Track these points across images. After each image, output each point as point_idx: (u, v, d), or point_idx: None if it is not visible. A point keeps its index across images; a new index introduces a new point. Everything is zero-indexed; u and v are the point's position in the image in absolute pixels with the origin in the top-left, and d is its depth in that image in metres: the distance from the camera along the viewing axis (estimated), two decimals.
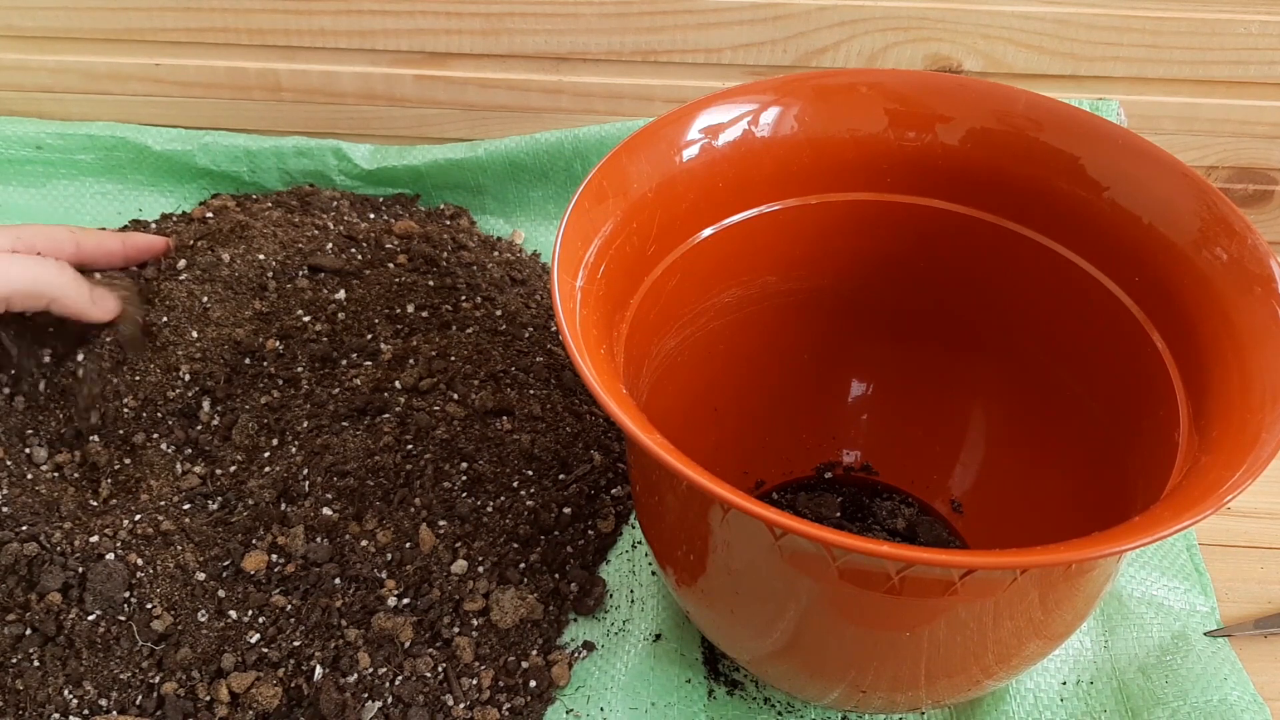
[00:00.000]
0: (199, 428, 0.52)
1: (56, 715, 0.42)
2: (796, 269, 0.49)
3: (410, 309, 0.56)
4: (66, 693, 0.42)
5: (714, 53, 0.63)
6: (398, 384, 0.53)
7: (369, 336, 0.55)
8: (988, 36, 0.61)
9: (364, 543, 0.47)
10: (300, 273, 0.57)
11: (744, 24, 0.62)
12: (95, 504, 0.49)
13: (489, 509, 0.49)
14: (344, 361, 0.54)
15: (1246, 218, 0.38)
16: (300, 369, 0.53)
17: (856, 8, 0.61)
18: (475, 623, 0.46)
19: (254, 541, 0.47)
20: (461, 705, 0.44)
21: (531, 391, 0.54)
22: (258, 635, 0.44)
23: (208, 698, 0.42)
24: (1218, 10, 0.59)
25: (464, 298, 0.58)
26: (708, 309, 0.49)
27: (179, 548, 0.46)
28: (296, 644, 0.44)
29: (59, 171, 0.69)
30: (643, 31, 0.63)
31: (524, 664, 0.46)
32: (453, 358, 0.54)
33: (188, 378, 0.52)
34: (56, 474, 0.51)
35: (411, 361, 0.53)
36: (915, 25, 0.61)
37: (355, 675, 0.43)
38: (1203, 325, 0.38)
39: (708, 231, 0.46)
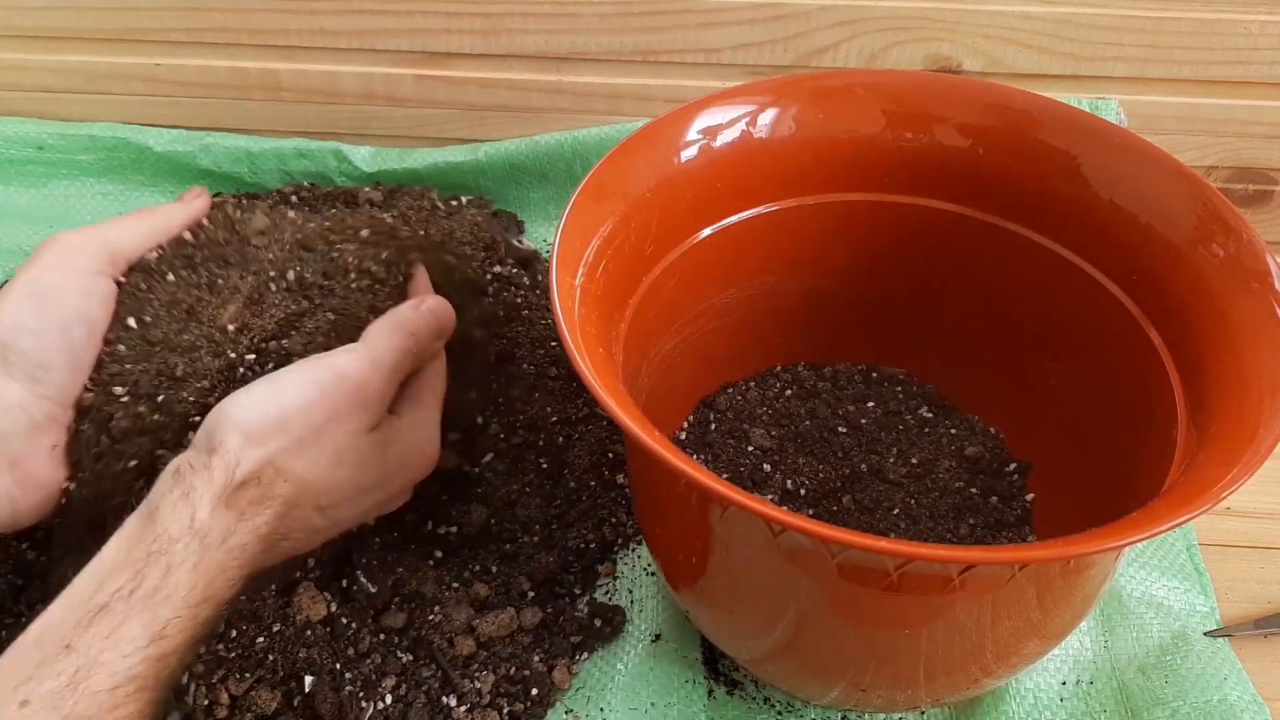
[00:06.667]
0: None
1: None
2: (795, 269, 0.49)
3: None
4: None
5: (714, 53, 0.63)
6: None
7: None
8: (988, 36, 0.61)
9: None
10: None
11: (744, 24, 0.62)
12: None
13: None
14: None
15: (1243, 215, 0.38)
16: None
17: (856, 8, 0.61)
18: (475, 624, 0.46)
19: None
20: (462, 708, 0.43)
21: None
22: None
23: (206, 701, 0.42)
24: (1218, 10, 0.59)
25: None
26: (707, 309, 0.49)
27: None
28: None
29: (60, 172, 0.69)
30: (643, 31, 0.63)
31: (524, 666, 0.46)
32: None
33: None
34: None
35: None
36: (915, 25, 0.61)
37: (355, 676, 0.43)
38: (1200, 321, 0.38)
39: (706, 232, 0.46)
